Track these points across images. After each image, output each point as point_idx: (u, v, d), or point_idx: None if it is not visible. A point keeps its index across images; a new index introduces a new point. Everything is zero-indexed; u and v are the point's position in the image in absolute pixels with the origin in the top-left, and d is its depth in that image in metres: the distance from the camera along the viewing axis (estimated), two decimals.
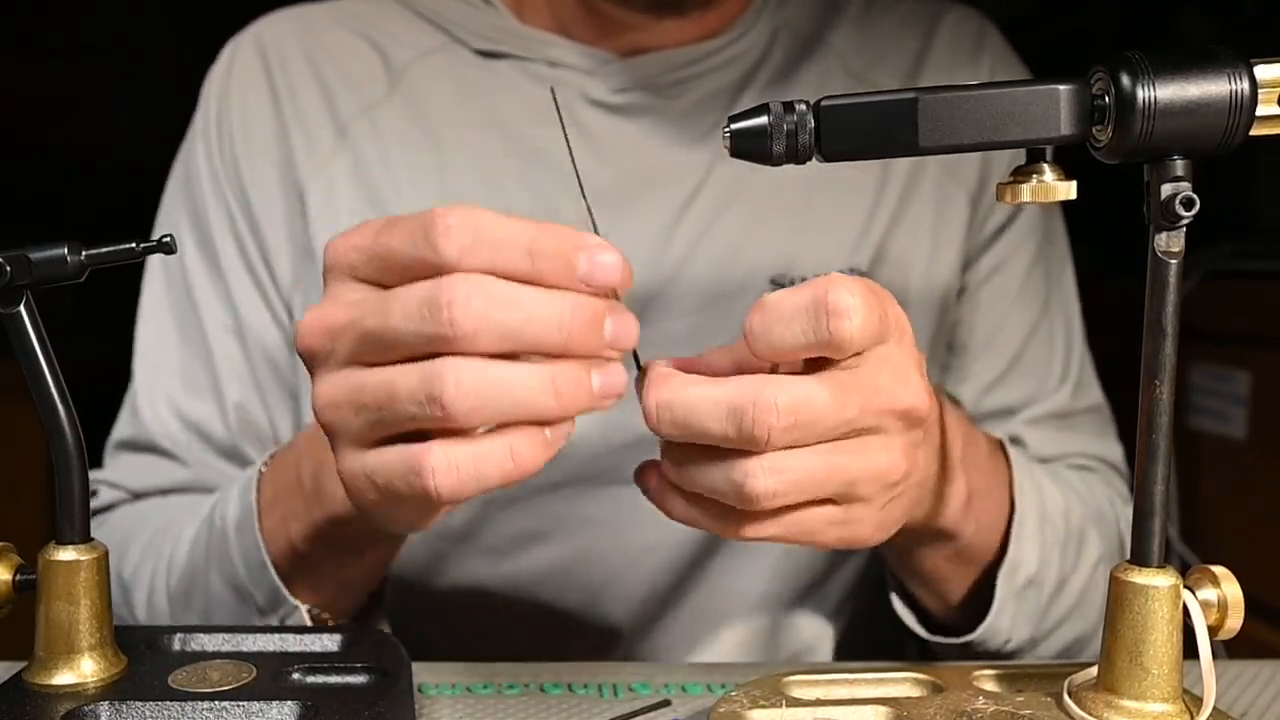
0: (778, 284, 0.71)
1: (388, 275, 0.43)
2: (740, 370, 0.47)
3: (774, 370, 0.46)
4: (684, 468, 0.45)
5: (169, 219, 0.77)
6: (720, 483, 0.44)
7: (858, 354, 0.44)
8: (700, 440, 0.44)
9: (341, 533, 0.56)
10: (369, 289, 0.43)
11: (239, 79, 0.75)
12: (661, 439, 0.46)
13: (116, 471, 0.75)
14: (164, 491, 0.73)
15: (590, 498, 0.71)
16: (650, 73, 0.72)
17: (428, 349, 0.41)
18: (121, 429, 0.76)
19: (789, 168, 0.45)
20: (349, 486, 0.45)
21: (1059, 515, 0.67)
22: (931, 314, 0.74)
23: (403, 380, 0.41)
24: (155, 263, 0.77)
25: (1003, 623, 0.64)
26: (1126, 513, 0.75)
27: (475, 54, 0.74)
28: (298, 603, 0.58)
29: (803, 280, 0.71)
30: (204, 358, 0.73)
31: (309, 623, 0.58)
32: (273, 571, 0.58)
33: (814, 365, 0.45)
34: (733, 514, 0.46)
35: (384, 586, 0.65)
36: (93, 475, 0.75)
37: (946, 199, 0.75)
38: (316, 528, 0.56)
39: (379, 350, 0.42)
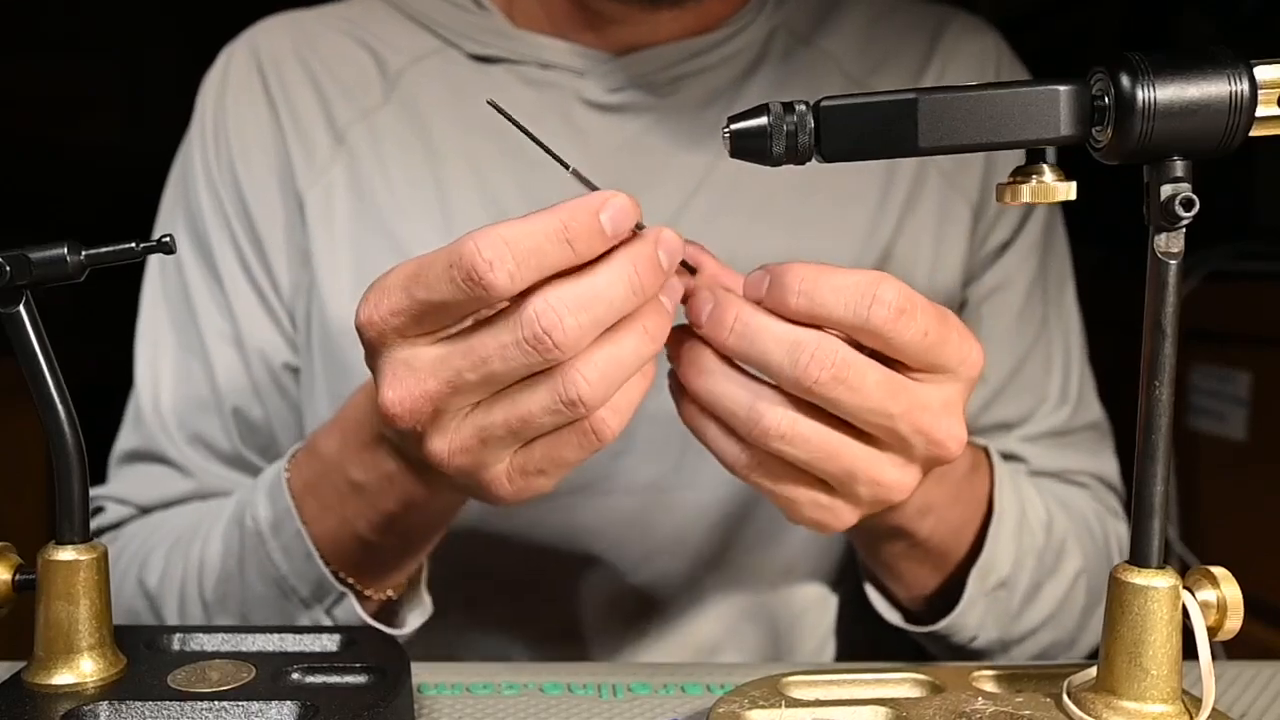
0: None
1: (440, 323, 0.44)
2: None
3: None
4: (711, 375, 0.47)
5: (166, 228, 0.76)
6: (739, 400, 0.46)
7: (920, 372, 0.46)
8: (756, 364, 0.46)
9: (417, 518, 0.56)
10: (436, 346, 0.44)
11: (235, 87, 0.75)
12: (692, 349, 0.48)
13: (123, 485, 0.74)
14: (171, 504, 0.73)
15: (587, 508, 0.71)
16: (645, 70, 0.72)
17: (535, 372, 0.44)
18: (126, 440, 0.75)
19: (788, 171, 0.45)
20: (509, 495, 0.49)
21: (1039, 525, 0.67)
22: None
23: (534, 401, 0.44)
24: (153, 272, 0.76)
25: (970, 619, 0.64)
26: (1118, 528, 0.75)
27: (469, 58, 0.74)
28: (344, 588, 0.59)
29: None
30: (203, 366, 0.73)
31: (356, 607, 0.59)
32: (320, 562, 0.58)
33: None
34: (731, 445, 0.48)
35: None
36: (97, 491, 0.74)
37: (948, 208, 0.74)
38: (387, 521, 0.56)
39: (486, 393, 0.45)
